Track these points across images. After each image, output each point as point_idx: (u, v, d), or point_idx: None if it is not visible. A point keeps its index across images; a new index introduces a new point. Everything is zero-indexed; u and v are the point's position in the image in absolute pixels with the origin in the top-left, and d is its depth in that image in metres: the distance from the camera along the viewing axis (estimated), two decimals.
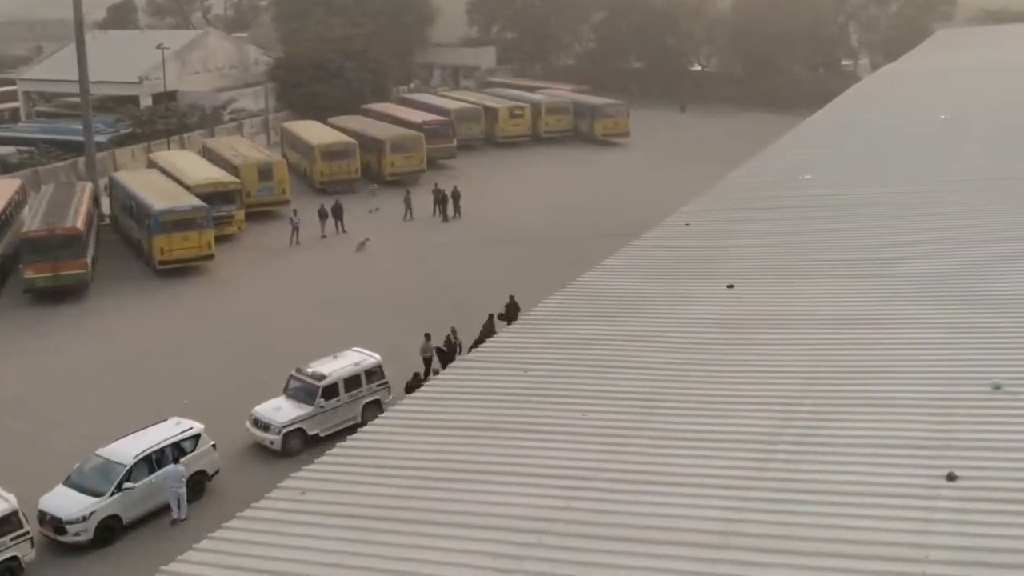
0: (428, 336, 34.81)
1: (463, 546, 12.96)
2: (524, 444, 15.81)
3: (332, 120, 72.81)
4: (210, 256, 47.84)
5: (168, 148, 69.58)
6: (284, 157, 64.49)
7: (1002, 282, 21.42)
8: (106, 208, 56.36)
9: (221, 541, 14.11)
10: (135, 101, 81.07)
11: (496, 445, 15.92)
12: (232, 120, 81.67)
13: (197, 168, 56.76)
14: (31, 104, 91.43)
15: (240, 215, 53.05)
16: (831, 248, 25.34)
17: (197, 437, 27.82)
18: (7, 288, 45.89)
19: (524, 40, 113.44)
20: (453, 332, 35.10)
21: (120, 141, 72.88)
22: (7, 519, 23.92)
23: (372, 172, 65.26)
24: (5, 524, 23.88)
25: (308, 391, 30.86)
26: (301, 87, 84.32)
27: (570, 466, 14.82)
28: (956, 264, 23.01)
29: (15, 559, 24.00)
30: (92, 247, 47.43)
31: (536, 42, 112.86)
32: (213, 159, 60.66)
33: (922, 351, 18.08)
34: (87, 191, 52.01)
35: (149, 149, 69.17)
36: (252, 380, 33.86)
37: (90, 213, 49.09)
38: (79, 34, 55.84)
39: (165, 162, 59.08)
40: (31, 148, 69.99)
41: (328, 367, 31.54)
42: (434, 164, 67.85)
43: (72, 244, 43.96)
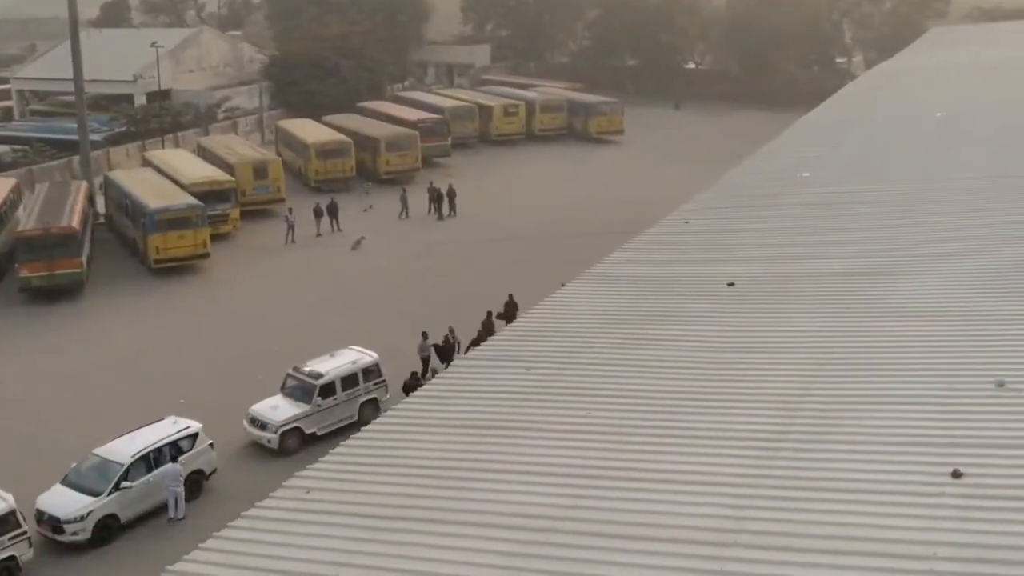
0: (425, 335, 34.76)
1: (472, 544, 12.92)
2: (529, 442, 15.77)
3: (327, 118, 72.72)
4: (205, 255, 47.78)
5: (163, 147, 69.49)
6: (279, 155, 64.28)
7: (1003, 279, 21.39)
8: (101, 207, 56.20)
9: (227, 540, 14.05)
10: (129, 99, 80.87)
11: (501, 443, 15.89)
12: (227, 118, 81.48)
13: (192, 167, 56.68)
14: (25, 103, 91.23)
15: (235, 214, 52.97)
16: (831, 246, 25.33)
17: (195, 436, 27.80)
18: (2, 287, 45.79)
19: (518, 38, 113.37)
20: (451, 331, 35.08)
21: (114, 140, 72.70)
22: (5, 519, 23.88)
23: (367, 170, 65.17)
24: (3, 524, 23.83)
25: (305, 390, 30.80)
26: (296, 85, 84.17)
27: (576, 464, 14.79)
28: (957, 261, 22.98)
29: (13, 559, 23.96)
30: (87, 246, 47.34)
31: (530, 40, 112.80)
32: (208, 158, 60.54)
33: (924, 349, 18.04)
34: (82, 190, 51.93)
35: (144, 148, 68.94)
36: (248, 379, 33.87)
37: (85, 212, 49.05)
38: (74, 32, 55.68)
39: (160, 161, 59.04)
40: (25, 147, 69.83)
41: (325, 366, 31.50)
42: (429, 162, 67.76)
43: (67, 243, 43.87)
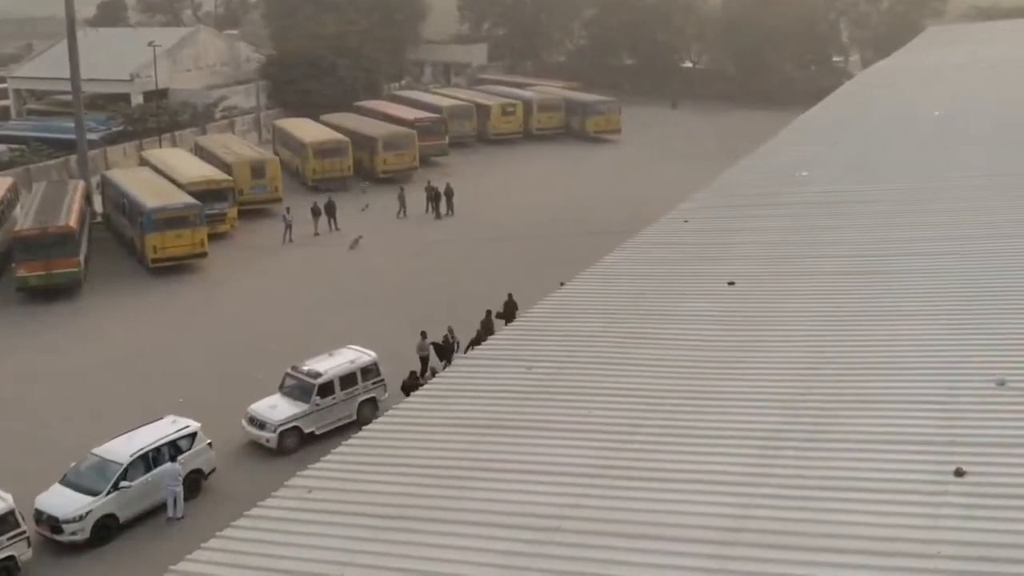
0: (424, 334, 34.72)
1: (475, 544, 12.91)
2: (531, 441, 15.76)
3: (324, 117, 72.58)
4: (203, 254, 47.73)
5: (160, 146, 69.39)
6: (276, 155, 64.16)
7: (1003, 278, 21.39)
8: (98, 206, 56.11)
9: (230, 540, 14.02)
10: (126, 99, 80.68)
11: (502, 442, 15.88)
12: (224, 118, 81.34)
13: (189, 166, 56.62)
14: (22, 102, 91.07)
15: (233, 213, 52.88)
16: (831, 244, 25.32)
17: (193, 435, 27.78)
18: None
19: (515, 37, 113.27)
20: (450, 331, 35.01)
21: (112, 139, 72.57)
22: (3, 518, 23.85)
23: (364, 170, 65.07)
24: (1, 523, 23.80)
25: (304, 389, 30.76)
26: (293, 84, 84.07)
27: (578, 463, 14.78)
28: (956, 260, 22.98)
29: (11, 559, 23.93)
30: (85, 245, 47.23)
31: (527, 39, 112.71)
32: (205, 157, 60.47)
33: (925, 347, 18.04)
34: (79, 189, 51.83)
35: (141, 147, 68.84)
36: (247, 378, 33.83)
37: (82, 211, 48.95)
38: (71, 31, 55.60)
39: (157, 160, 58.96)
40: (22, 146, 69.70)
41: (324, 365, 31.45)
42: (426, 161, 67.59)
43: (65, 242, 43.80)
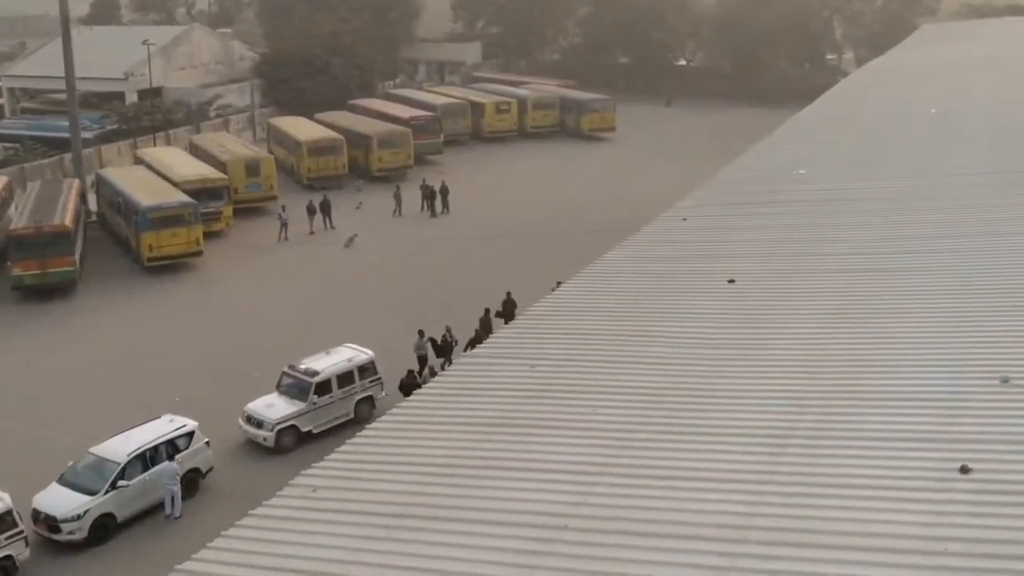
0: (421, 333, 34.63)
1: (483, 542, 12.90)
2: (536, 439, 15.74)
3: (319, 116, 72.52)
4: (198, 252, 47.67)
5: (154, 144, 69.21)
6: (271, 153, 64.04)
7: (1003, 276, 21.43)
8: (93, 205, 55.96)
9: (235, 539, 13.99)
10: (120, 97, 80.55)
11: (508, 441, 15.85)
12: (218, 116, 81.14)
13: (184, 164, 56.52)
14: (15, 100, 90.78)
15: (228, 211, 52.83)
16: (831, 243, 25.31)
17: (191, 434, 27.74)
18: None
19: (509, 35, 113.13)
20: (448, 331, 34.87)
21: (106, 137, 72.37)
22: (1, 518, 23.80)
23: (359, 168, 64.99)
24: None
25: (301, 388, 30.72)
26: (287, 83, 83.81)
27: (583, 461, 14.76)
28: (956, 258, 22.99)
29: (9, 558, 23.88)
30: (80, 244, 47.14)
31: (521, 37, 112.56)
32: (200, 155, 60.35)
33: (928, 345, 18.06)
34: (74, 188, 51.65)
35: (135, 145, 68.68)
36: (243, 377, 33.78)
37: (77, 210, 48.76)
38: (65, 30, 55.35)
39: (152, 158, 58.83)
40: (16, 145, 69.47)
41: (321, 363, 31.40)
42: (421, 160, 67.54)
43: (60, 241, 43.69)
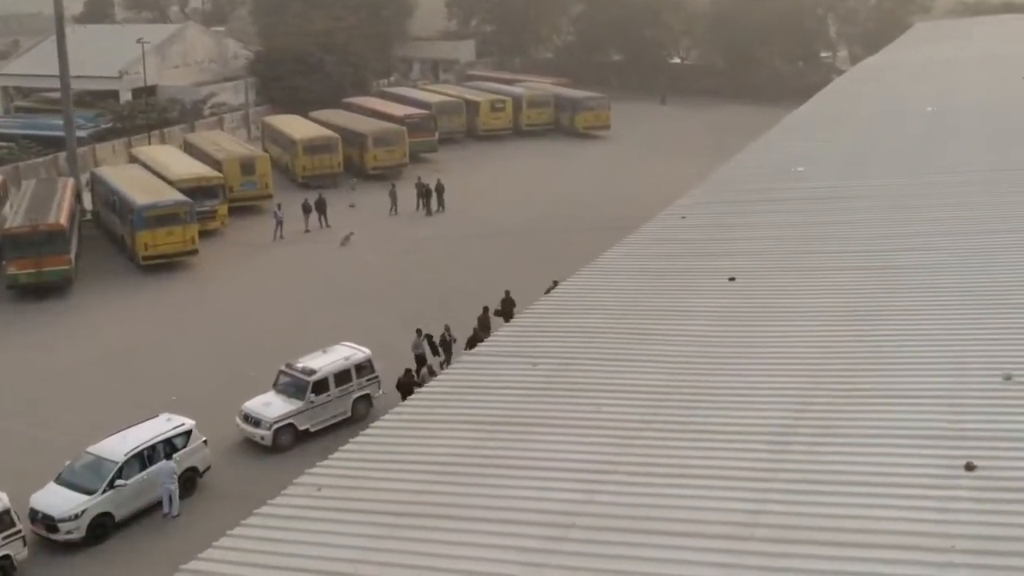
0: (419, 332, 34.52)
1: (490, 541, 12.87)
2: (541, 437, 15.72)
3: (313, 114, 72.35)
4: (194, 251, 47.56)
5: (149, 143, 69.06)
6: (265, 151, 63.89)
7: (1003, 273, 21.43)
8: (88, 204, 55.82)
9: (241, 538, 13.95)
10: (115, 96, 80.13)
11: (512, 439, 15.83)
12: (212, 115, 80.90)
13: (179, 163, 56.40)
14: (9, 99, 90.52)
15: (223, 210, 52.67)
16: (830, 240, 25.31)
17: (188, 433, 27.69)
18: None
19: (503, 33, 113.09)
20: (447, 329, 34.72)
21: (100, 136, 72.03)
22: None
23: (354, 166, 64.90)
24: None
25: (298, 386, 30.67)
26: (281, 81, 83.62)
27: (588, 459, 14.74)
28: (957, 255, 22.99)
29: (7, 558, 23.82)
30: (75, 243, 47.00)
31: (515, 35, 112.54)
32: (194, 154, 60.22)
33: (930, 342, 18.05)
34: (69, 187, 51.46)
35: (130, 144, 68.43)
36: (240, 375, 33.73)
37: (72, 209, 48.64)
38: (59, 28, 55.16)
39: (147, 157, 58.68)
40: (10, 144, 69.19)
41: (318, 362, 31.35)
42: (416, 158, 67.35)
43: (55, 240, 43.57)
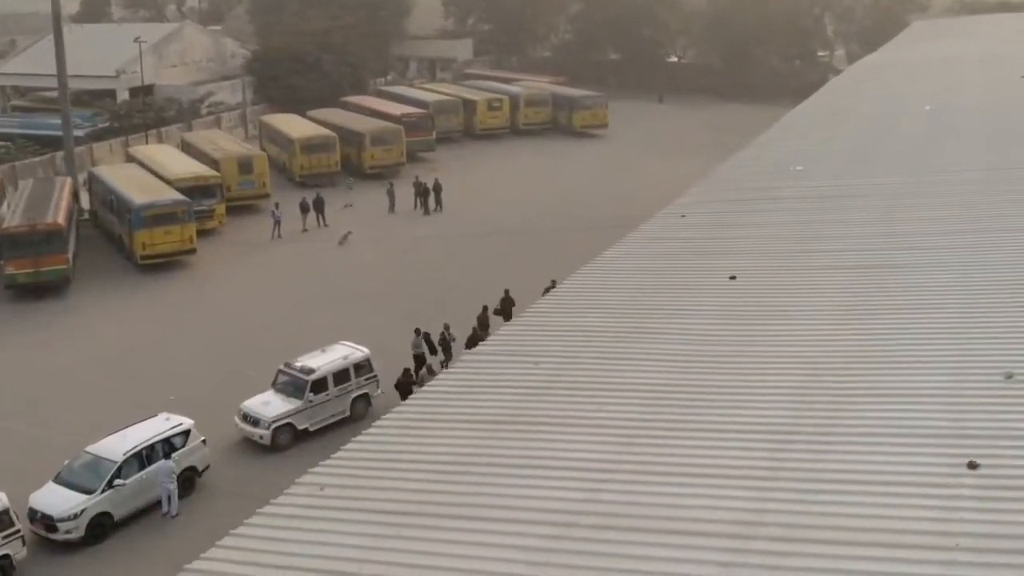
0: (418, 331, 34.49)
1: (493, 539, 12.87)
2: (543, 436, 15.70)
3: (311, 113, 72.31)
4: (192, 250, 47.55)
5: (146, 142, 68.98)
6: (263, 151, 63.85)
7: (1004, 272, 21.40)
8: (85, 203, 55.74)
9: (244, 538, 13.94)
10: (112, 95, 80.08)
11: (515, 438, 15.81)
12: (210, 114, 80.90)
13: (177, 162, 56.34)
14: (6, 98, 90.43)
15: (221, 209, 52.63)
16: (830, 239, 25.28)
17: (187, 433, 27.68)
18: None
19: (500, 32, 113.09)
20: (447, 329, 34.66)
21: (97, 135, 72.00)
22: None
23: (352, 165, 64.87)
24: None
25: (297, 385, 30.66)
26: (278, 80, 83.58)
27: (590, 458, 14.73)
28: (956, 254, 22.96)
29: (6, 557, 23.82)
30: (73, 242, 46.93)
31: (512, 34, 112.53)
32: (192, 153, 60.17)
33: (930, 341, 18.03)
34: (67, 186, 51.42)
35: (127, 143, 68.33)
36: (238, 375, 33.74)
37: (70, 208, 48.59)
38: (57, 27, 55.10)
39: (144, 156, 58.62)
40: (7, 143, 69.13)
41: (316, 361, 31.34)
42: (413, 157, 67.32)
43: (53, 239, 43.52)
